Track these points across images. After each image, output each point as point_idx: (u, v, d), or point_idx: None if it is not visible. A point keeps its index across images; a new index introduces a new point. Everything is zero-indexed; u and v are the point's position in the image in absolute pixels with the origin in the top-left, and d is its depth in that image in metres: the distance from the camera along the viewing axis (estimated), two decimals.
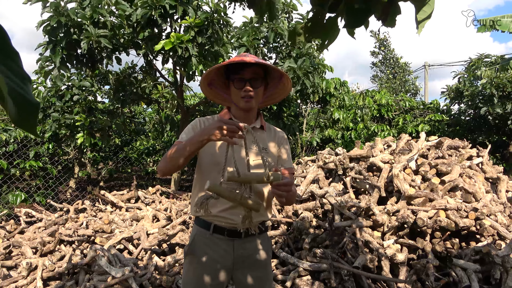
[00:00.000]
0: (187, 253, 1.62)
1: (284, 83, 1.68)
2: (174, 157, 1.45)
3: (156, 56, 5.62)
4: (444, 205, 3.25)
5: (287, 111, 7.88)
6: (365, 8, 1.18)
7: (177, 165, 1.45)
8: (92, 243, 3.77)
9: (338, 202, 3.44)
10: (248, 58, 1.55)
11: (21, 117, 0.54)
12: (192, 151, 1.41)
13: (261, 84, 1.61)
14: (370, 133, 9.13)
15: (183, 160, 1.43)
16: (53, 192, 6.44)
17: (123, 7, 4.85)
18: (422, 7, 1.21)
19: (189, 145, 1.41)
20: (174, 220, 4.04)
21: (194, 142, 1.40)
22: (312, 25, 1.39)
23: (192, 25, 4.72)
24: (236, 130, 1.32)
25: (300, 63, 5.67)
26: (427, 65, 16.30)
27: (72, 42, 4.70)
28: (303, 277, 2.98)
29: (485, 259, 3.02)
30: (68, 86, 6.02)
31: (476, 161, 4.15)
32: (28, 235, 3.98)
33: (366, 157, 4.09)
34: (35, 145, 6.70)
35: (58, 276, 3.16)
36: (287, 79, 1.65)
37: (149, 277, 2.93)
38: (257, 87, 1.59)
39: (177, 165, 1.46)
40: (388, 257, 3.02)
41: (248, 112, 1.65)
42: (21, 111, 0.54)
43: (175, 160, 1.45)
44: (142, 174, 9.33)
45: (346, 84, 9.19)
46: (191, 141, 1.41)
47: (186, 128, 1.64)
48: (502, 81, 7.23)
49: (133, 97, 6.10)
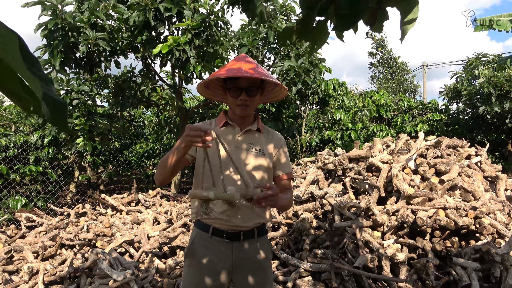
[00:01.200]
0: (186, 255, 1.64)
1: (280, 87, 1.70)
2: (162, 166, 1.54)
3: (155, 59, 5.64)
4: (443, 204, 3.26)
5: (286, 113, 7.90)
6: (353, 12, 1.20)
7: (168, 172, 1.53)
8: (93, 246, 3.78)
9: (338, 203, 3.45)
10: (245, 66, 1.55)
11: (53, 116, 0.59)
12: (177, 159, 1.48)
13: (257, 93, 1.62)
14: (369, 134, 9.15)
15: (172, 167, 1.50)
16: (53, 197, 6.44)
17: (121, 11, 4.87)
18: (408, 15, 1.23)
19: (173, 152, 1.49)
20: (174, 222, 4.05)
21: (176, 150, 1.47)
22: (302, 27, 1.41)
23: (189, 28, 4.74)
24: (199, 135, 1.34)
25: (300, 62, 5.71)
26: (425, 65, 16.34)
27: (70, 45, 4.72)
28: (304, 278, 2.99)
29: (485, 258, 3.04)
30: (67, 91, 6.03)
31: (474, 160, 4.16)
32: (29, 240, 3.99)
33: (365, 157, 4.10)
34: (35, 149, 6.70)
35: (60, 280, 3.16)
36: (283, 87, 1.68)
37: (151, 280, 2.94)
38: (253, 96, 1.60)
39: (169, 172, 1.53)
40: (388, 257, 3.03)
41: (245, 116, 1.67)
42: (53, 111, 0.59)
43: (164, 168, 1.53)
44: (142, 177, 9.33)
45: (345, 85, 9.21)
46: (174, 149, 1.48)
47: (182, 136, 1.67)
48: (500, 80, 7.25)
49: (132, 100, 6.12)
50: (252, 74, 1.52)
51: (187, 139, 1.37)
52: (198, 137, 1.34)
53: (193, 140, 1.35)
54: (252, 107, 1.63)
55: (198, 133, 1.34)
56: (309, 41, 1.43)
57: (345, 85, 9.24)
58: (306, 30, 1.40)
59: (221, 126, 1.67)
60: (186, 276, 1.63)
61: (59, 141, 6.75)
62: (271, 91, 1.74)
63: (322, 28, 1.39)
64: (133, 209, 4.84)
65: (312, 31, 1.39)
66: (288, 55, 6.29)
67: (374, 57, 21.35)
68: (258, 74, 1.54)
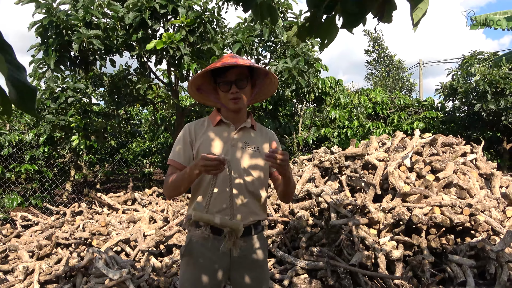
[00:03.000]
0: (183, 254, 1.63)
1: (271, 79, 1.69)
2: (175, 187, 1.58)
3: (150, 58, 5.61)
4: (439, 202, 3.27)
5: (282, 111, 7.90)
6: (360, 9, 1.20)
7: (180, 192, 1.60)
8: (89, 245, 3.77)
9: (334, 201, 3.46)
10: (230, 60, 1.56)
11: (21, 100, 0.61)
12: (188, 183, 1.55)
13: (247, 84, 1.62)
14: (366, 131, 9.17)
15: (184, 188, 1.58)
16: (49, 195, 6.41)
17: (116, 9, 4.84)
18: (417, 4, 1.22)
19: (186, 179, 1.52)
20: (171, 221, 4.04)
21: (189, 176, 1.51)
22: (310, 25, 1.41)
23: (183, 25, 4.72)
24: (219, 166, 1.41)
25: (295, 63, 5.69)
26: (422, 63, 16.39)
27: (64, 43, 4.69)
28: (301, 275, 3.00)
29: (480, 255, 3.05)
30: (62, 88, 5.99)
31: (470, 157, 4.18)
32: (25, 239, 3.97)
33: (361, 155, 4.11)
34: (30, 148, 6.67)
35: (55, 279, 3.15)
36: (272, 75, 1.67)
37: (147, 279, 2.93)
38: (243, 87, 1.61)
39: (180, 192, 1.60)
40: (384, 254, 3.04)
41: (238, 113, 1.67)
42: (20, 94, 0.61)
43: (177, 189, 1.58)
44: (139, 176, 9.29)
45: (341, 83, 9.22)
46: (187, 175, 1.52)
47: (177, 140, 1.68)
48: (495, 77, 7.28)
49: (128, 99, 6.09)
50: (236, 61, 1.54)
51: (202, 169, 1.42)
52: (215, 167, 1.40)
53: (210, 170, 1.41)
54: (244, 100, 1.63)
55: (216, 163, 1.39)
56: (318, 37, 1.44)
57: (342, 83, 9.24)
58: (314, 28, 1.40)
59: (215, 125, 1.67)
60: (184, 275, 1.63)
61: (55, 140, 6.70)
62: (261, 82, 1.73)
63: (331, 24, 1.39)
64: (130, 207, 4.83)
65: (320, 28, 1.39)
66: (285, 53, 6.27)
67: (370, 55, 21.39)
68: (243, 61, 1.56)
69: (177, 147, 1.65)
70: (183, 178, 1.52)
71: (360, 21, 1.24)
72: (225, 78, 1.60)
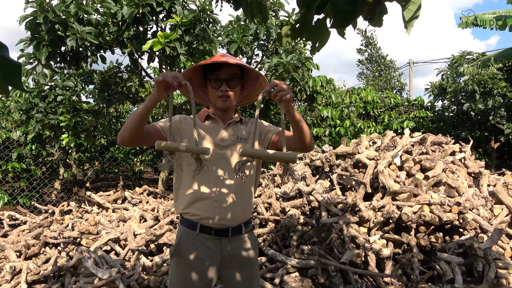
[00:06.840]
0: (173, 254, 1.62)
1: (261, 83, 1.69)
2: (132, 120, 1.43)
3: (142, 55, 5.56)
4: (428, 200, 3.31)
5: (274, 109, 7.89)
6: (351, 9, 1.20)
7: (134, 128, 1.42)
8: (78, 245, 3.72)
9: (325, 199, 3.47)
10: (224, 58, 1.56)
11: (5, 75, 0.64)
12: (146, 112, 1.41)
13: (237, 84, 1.63)
14: (357, 130, 9.23)
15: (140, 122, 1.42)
16: (37, 194, 6.32)
17: (109, 5, 4.78)
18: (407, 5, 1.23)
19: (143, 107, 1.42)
20: (161, 220, 4.01)
21: (145, 104, 1.42)
22: (300, 26, 1.41)
23: (179, 24, 4.69)
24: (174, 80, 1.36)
25: (290, 58, 5.70)
26: (412, 63, 16.54)
27: (56, 39, 4.61)
28: (291, 274, 3.01)
29: (468, 252, 3.10)
30: (51, 87, 5.90)
31: (459, 156, 4.23)
32: (12, 238, 3.90)
33: (352, 154, 4.13)
34: (18, 146, 6.56)
35: (44, 279, 3.11)
36: (263, 79, 1.66)
37: (137, 278, 2.91)
38: (233, 87, 1.61)
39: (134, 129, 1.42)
40: (374, 252, 3.06)
41: (226, 111, 1.67)
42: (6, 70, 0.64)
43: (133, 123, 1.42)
44: (129, 175, 9.22)
45: (333, 82, 9.25)
46: (143, 103, 1.43)
47: None
48: (484, 77, 7.39)
49: (119, 96, 6.02)
50: (227, 60, 1.53)
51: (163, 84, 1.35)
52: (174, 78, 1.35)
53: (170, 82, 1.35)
54: (232, 100, 1.63)
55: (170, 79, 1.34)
56: (310, 40, 1.43)
57: (333, 82, 9.28)
58: (304, 29, 1.39)
59: (204, 120, 1.66)
60: (173, 274, 1.62)
61: (43, 138, 6.60)
62: (251, 85, 1.72)
63: (322, 27, 1.38)
64: (120, 206, 4.78)
65: (311, 30, 1.39)
66: (277, 51, 6.27)
67: (362, 54, 21.52)
68: (235, 61, 1.56)
69: (162, 122, 1.61)
70: (141, 107, 1.42)
71: (350, 22, 1.24)
72: (217, 75, 1.60)
